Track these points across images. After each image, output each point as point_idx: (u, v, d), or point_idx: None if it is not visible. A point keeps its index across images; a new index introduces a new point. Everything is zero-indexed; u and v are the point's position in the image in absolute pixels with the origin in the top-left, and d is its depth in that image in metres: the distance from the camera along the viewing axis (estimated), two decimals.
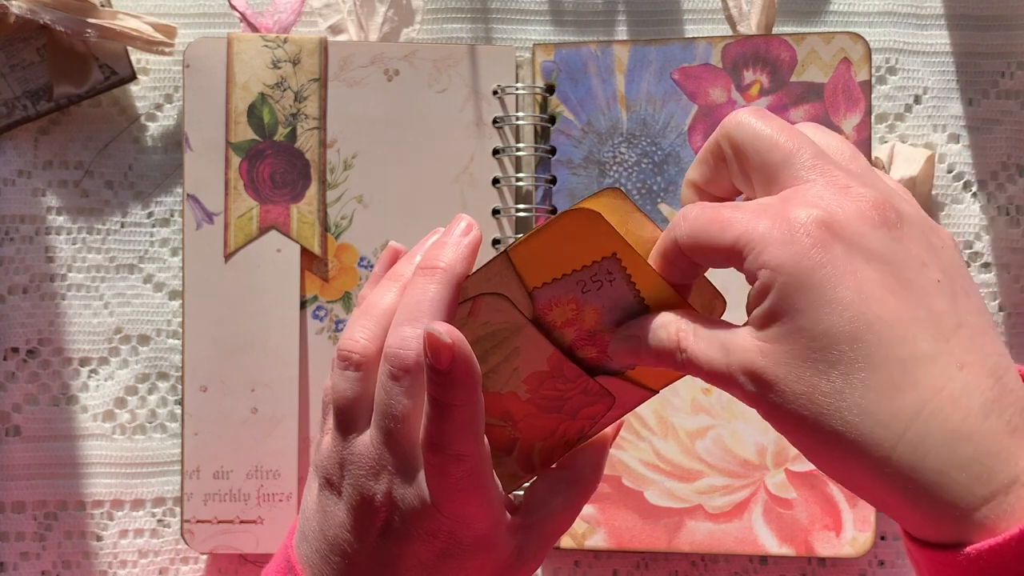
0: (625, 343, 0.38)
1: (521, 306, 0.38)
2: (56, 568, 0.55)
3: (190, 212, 0.54)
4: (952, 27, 0.58)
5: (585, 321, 0.38)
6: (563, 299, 0.38)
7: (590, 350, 0.39)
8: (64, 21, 0.53)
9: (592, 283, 0.37)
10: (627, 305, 0.38)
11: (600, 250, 0.37)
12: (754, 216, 0.33)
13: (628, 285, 0.37)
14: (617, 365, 0.39)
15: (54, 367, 0.56)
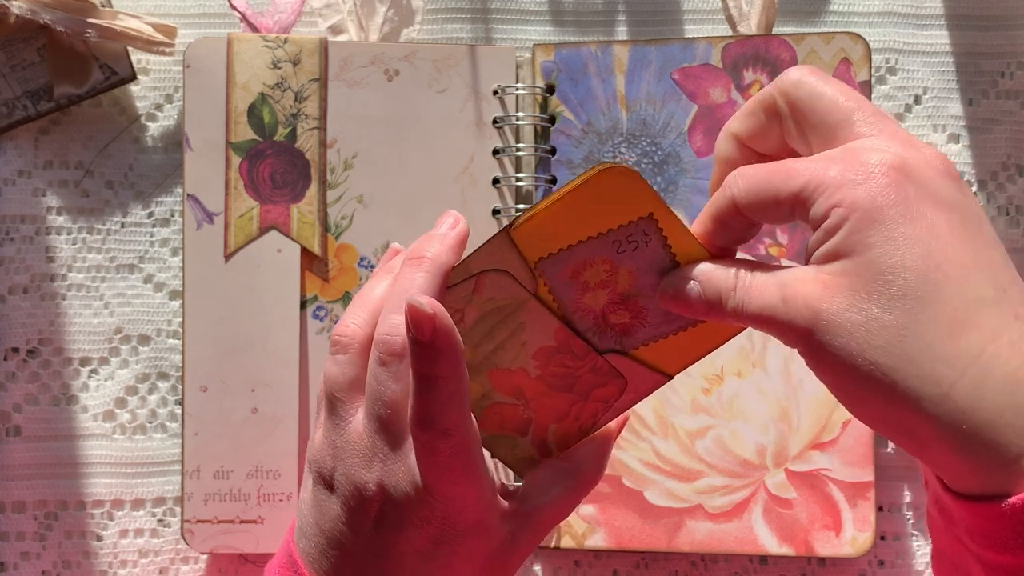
0: (674, 287, 0.37)
1: (523, 281, 0.38)
2: (56, 568, 0.55)
3: (190, 212, 0.54)
4: (952, 27, 0.58)
5: (619, 283, 0.38)
6: (597, 259, 0.38)
7: (623, 314, 0.39)
8: (64, 21, 0.53)
9: (628, 244, 0.37)
10: (662, 268, 0.38)
11: (637, 209, 0.37)
12: (823, 163, 0.33)
13: (664, 247, 0.37)
14: (649, 331, 0.39)
15: (54, 367, 0.56)
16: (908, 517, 0.56)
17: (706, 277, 0.37)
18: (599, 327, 0.39)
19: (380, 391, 0.38)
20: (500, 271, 0.38)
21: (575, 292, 0.38)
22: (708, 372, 0.54)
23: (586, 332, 0.39)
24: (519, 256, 0.38)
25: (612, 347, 0.39)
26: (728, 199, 0.36)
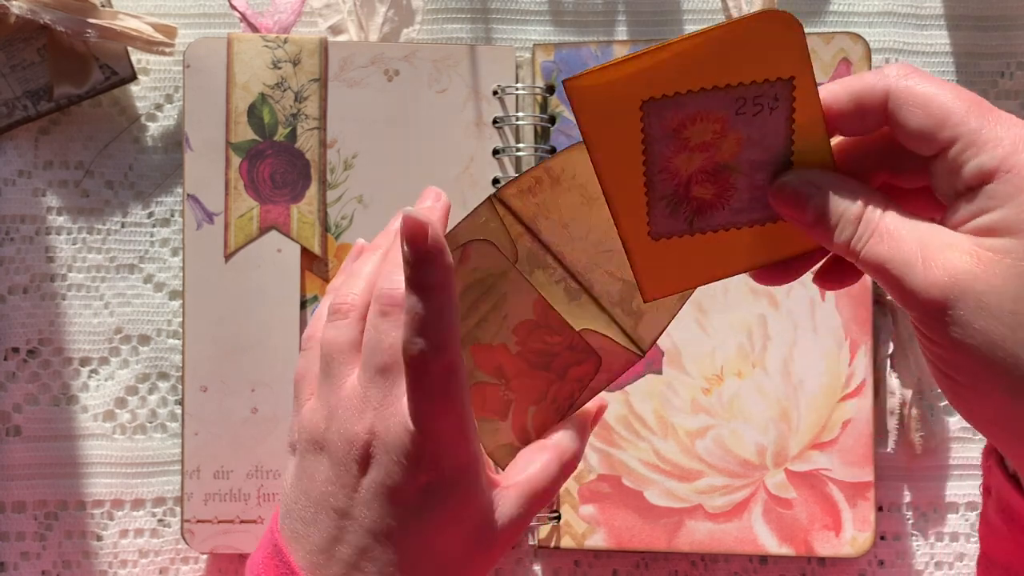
0: (793, 186, 0.34)
1: (505, 250, 0.38)
2: (56, 568, 0.55)
3: (190, 212, 0.54)
4: (952, 27, 0.58)
5: (722, 150, 0.34)
6: (712, 114, 0.33)
7: (708, 188, 0.35)
8: (64, 21, 0.53)
9: (752, 105, 0.33)
10: (773, 147, 0.34)
11: (780, 68, 0.33)
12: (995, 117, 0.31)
13: (787, 122, 0.33)
14: (727, 216, 0.35)
15: (54, 367, 0.56)
16: (908, 517, 0.56)
17: (834, 191, 0.33)
18: (677, 196, 0.35)
19: (379, 340, 0.39)
20: (484, 241, 0.38)
21: (671, 148, 0.34)
22: (708, 372, 0.54)
23: (659, 201, 0.35)
24: (502, 225, 0.37)
25: (676, 228, 0.35)
26: (882, 86, 0.33)
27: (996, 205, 0.30)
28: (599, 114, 0.33)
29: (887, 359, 0.55)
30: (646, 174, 0.34)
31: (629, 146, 0.34)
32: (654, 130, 0.33)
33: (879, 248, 0.32)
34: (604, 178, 0.34)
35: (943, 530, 0.56)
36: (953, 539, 0.56)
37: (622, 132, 0.33)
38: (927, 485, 0.56)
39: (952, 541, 0.56)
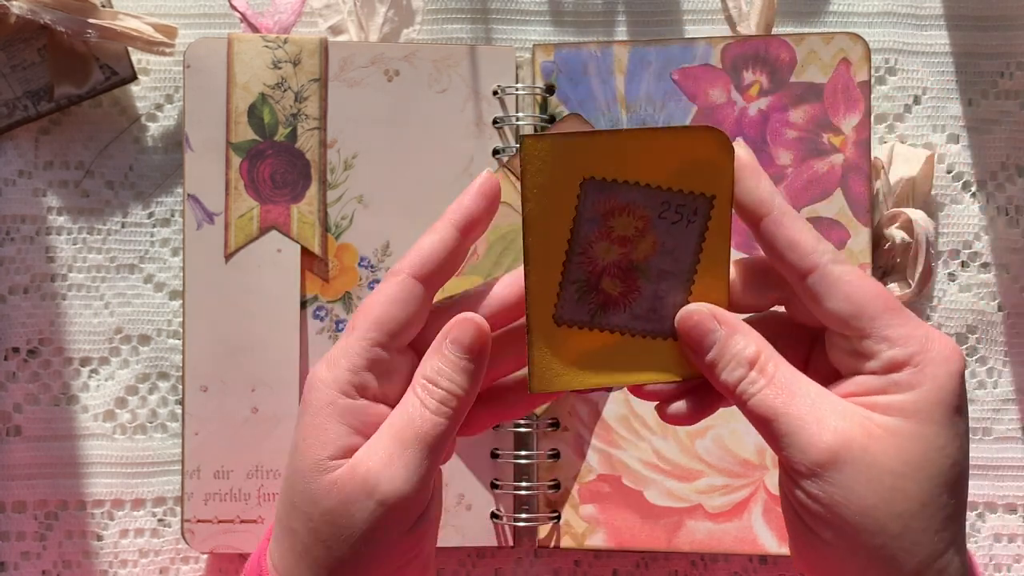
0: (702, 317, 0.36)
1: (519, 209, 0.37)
2: (57, 568, 0.55)
3: (190, 212, 0.54)
4: (952, 27, 0.58)
5: (638, 249, 0.36)
6: (637, 210, 0.35)
7: (616, 285, 0.36)
8: (65, 21, 0.53)
9: (674, 212, 0.35)
10: (681, 261, 0.36)
11: (706, 183, 0.35)
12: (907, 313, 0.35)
13: (699, 239, 0.35)
14: (626, 318, 0.37)
15: (55, 367, 0.56)
16: None
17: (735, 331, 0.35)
18: (589, 284, 0.36)
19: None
20: (501, 203, 0.38)
21: (596, 233, 0.36)
22: None
23: (571, 284, 0.36)
24: (513, 189, 0.39)
25: (578, 317, 0.37)
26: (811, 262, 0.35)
27: (898, 391, 0.34)
28: (544, 176, 0.35)
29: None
30: (568, 252, 0.36)
31: (561, 218, 0.36)
32: (586, 210, 0.35)
33: (773, 400, 0.34)
34: (530, 241, 0.36)
35: None
36: None
37: (559, 201, 0.35)
38: None
39: None
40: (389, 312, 0.37)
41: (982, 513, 0.57)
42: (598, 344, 0.37)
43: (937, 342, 0.34)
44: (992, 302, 0.57)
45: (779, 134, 0.54)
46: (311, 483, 0.36)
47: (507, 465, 0.55)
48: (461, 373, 0.36)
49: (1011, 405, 0.57)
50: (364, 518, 0.35)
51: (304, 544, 0.37)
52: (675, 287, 0.36)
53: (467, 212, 0.37)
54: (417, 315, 0.37)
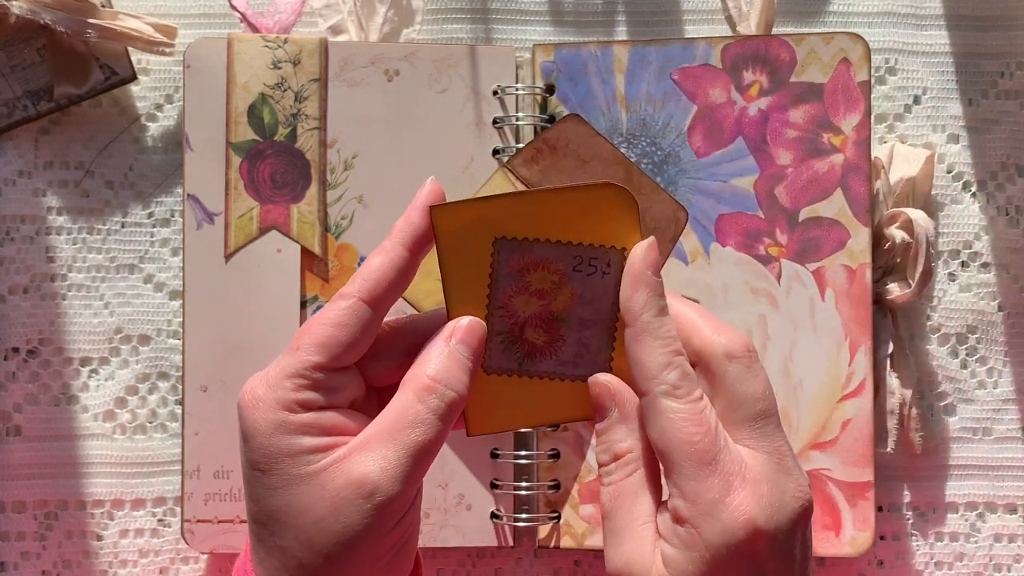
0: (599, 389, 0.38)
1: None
2: (56, 568, 0.55)
3: (190, 212, 0.54)
4: (952, 27, 0.58)
5: (557, 301, 0.38)
6: (551, 265, 0.37)
7: (540, 334, 0.38)
8: (64, 21, 0.53)
9: (588, 266, 0.37)
10: (601, 310, 0.37)
11: (614, 237, 0.36)
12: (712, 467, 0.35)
13: (615, 288, 0.37)
14: (552, 365, 0.38)
15: (55, 367, 0.56)
16: (908, 517, 0.56)
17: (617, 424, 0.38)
18: (512, 336, 0.38)
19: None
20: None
21: (513, 287, 0.38)
22: None
23: (495, 336, 0.38)
24: (514, 188, 0.39)
25: (506, 365, 0.38)
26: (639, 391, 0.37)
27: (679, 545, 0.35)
28: (456, 240, 0.37)
29: (887, 359, 0.55)
30: (488, 307, 0.38)
31: (479, 275, 0.37)
32: (501, 267, 0.37)
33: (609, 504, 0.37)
34: (451, 300, 0.38)
35: (942, 530, 0.56)
36: (953, 539, 0.56)
37: (475, 260, 0.37)
38: (927, 485, 0.56)
39: (952, 541, 0.56)
40: (335, 336, 0.37)
41: (982, 513, 0.57)
42: (530, 388, 0.38)
43: (726, 511, 0.34)
44: (992, 302, 0.57)
45: (779, 134, 0.54)
46: (293, 496, 0.36)
47: (507, 465, 0.55)
48: (466, 373, 0.37)
49: (1011, 405, 0.57)
50: (362, 520, 0.35)
51: (299, 559, 0.36)
52: (598, 334, 0.38)
53: (415, 230, 0.38)
54: (363, 338, 0.37)
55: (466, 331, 0.37)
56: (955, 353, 0.57)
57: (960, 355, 0.57)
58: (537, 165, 0.50)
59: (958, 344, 0.57)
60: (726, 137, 0.55)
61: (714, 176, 0.55)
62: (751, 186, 0.54)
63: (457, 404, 0.37)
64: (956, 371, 0.57)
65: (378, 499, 0.35)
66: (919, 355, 0.57)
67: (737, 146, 0.54)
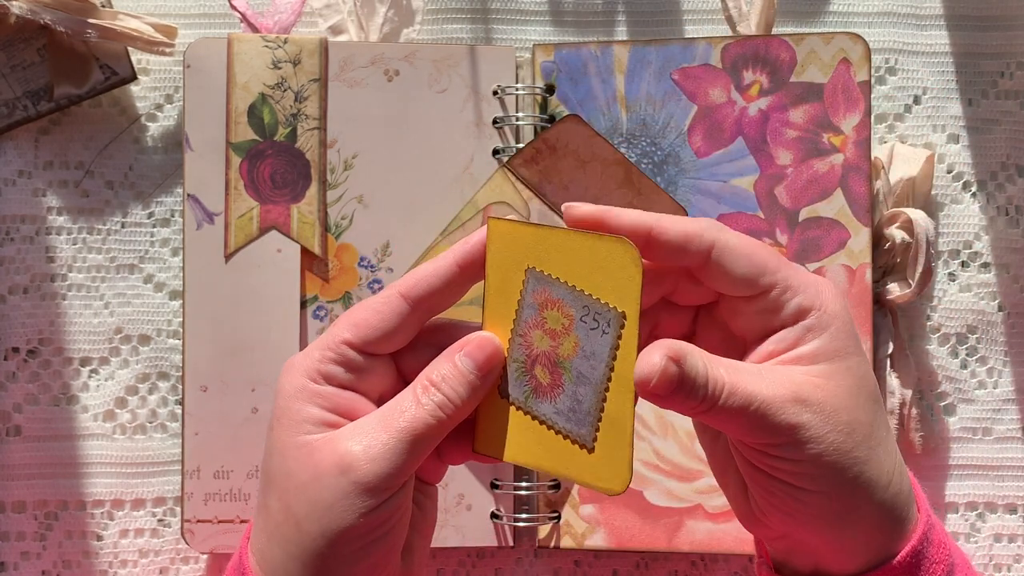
0: (651, 365, 0.35)
1: (519, 209, 0.39)
2: (57, 568, 0.55)
3: (190, 212, 0.54)
4: (952, 27, 0.58)
5: (564, 346, 0.37)
6: (565, 308, 0.37)
7: (544, 375, 0.37)
8: (64, 21, 0.53)
9: (593, 319, 0.36)
10: (596, 367, 0.36)
11: (618, 298, 0.35)
12: (795, 265, 0.38)
13: (611, 351, 0.36)
14: (549, 409, 0.37)
15: (55, 367, 0.56)
16: None
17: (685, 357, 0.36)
18: (524, 367, 0.38)
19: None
20: (501, 203, 0.41)
21: (533, 319, 0.38)
22: None
23: (512, 363, 0.38)
24: (515, 190, 0.40)
25: (516, 395, 0.38)
26: (709, 238, 0.37)
27: (812, 336, 0.37)
28: (500, 257, 0.38)
29: (887, 359, 0.55)
30: (512, 330, 0.38)
31: (511, 297, 0.38)
32: (528, 295, 0.38)
33: (735, 399, 0.36)
34: (487, 312, 0.39)
35: None
36: (953, 539, 0.56)
37: (510, 281, 0.38)
38: (927, 485, 0.56)
39: None
40: (367, 320, 0.39)
41: (982, 513, 0.57)
42: (529, 427, 0.38)
43: (824, 283, 0.38)
44: (992, 302, 0.57)
45: (779, 134, 0.54)
46: (287, 458, 0.38)
47: (507, 465, 0.55)
48: (465, 385, 0.38)
49: (1011, 405, 0.57)
50: (336, 494, 0.37)
51: (275, 520, 0.38)
52: (590, 394, 0.37)
53: (470, 253, 0.39)
54: (397, 329, 0.39)
55: (475, 346, 0.38)
56: (955, 353, 0.57)
57: (960, 355, 0.57)
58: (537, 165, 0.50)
59: (958, 344, 0.57)
60: (726, 137, 0.55)
61: (714, 176, 0.55)
62: (751, 186, 0.54)
63: (450, 408, 0.38)
64: (956, 371, 0.57)
65: (354, 476, 0.36)
66: (919, 355, 0.57)
67: (737, 146, 0.54)
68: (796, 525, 0.38)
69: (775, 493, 0.37)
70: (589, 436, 0.36)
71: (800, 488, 0.37)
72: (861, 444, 0.36)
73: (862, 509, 0.37)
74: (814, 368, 0.37)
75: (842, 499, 0.37)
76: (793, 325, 0.37)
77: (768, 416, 0.35)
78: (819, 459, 0.36)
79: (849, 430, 0.36)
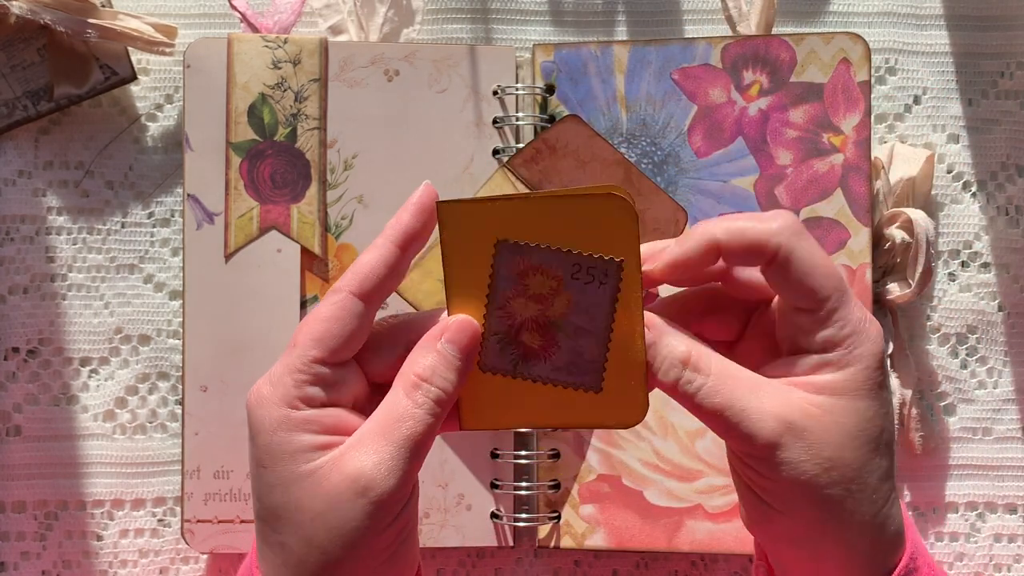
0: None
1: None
2: (57, 568, 0.55)
3: (190, 212, 0.54)
4: (952, 27, 0.58)
5: (554, 306, 0.38)
6: (550, 271, 0.37)
7: (535, 338, 0.38)
8: (65, 21, 0.53)
9: (586, 274, 0.37)
10: (596, 319, 0.37)
11: (614, 248, 0.36)
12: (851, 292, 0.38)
13: (612, 300, 0.37)
14: (546, 369, 0.38)
15: (55, 367, 0.56)
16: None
17: (660, 336, 0.37)
18: (508, 337, 0.38)
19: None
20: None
21: (512, 290, 0.38)
22: None
23: (492, 336, 0.38)
24: (515, 189, 0.40)
25: (501, 366, 0.38)
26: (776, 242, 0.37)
27: (831, 370, 0.37)
28: (459, 238, 0.37)
29: (887, 359, 0.55)
30: (487, 306, 0.38)
31: (479, 275, 0.38)
32: (502, 269, 0.37)
33: (714, 397, 0.36)
34: (452, 296, 0.38)
35: (943, 530, 0.56)
36: (953, 539, 0.56)
37: (477, 260, 0.38)
38: (927, 485, 0.56)
39: (952, 541, 0.56)
40: (330, 330, 0.38)
41: (982, 513, 0.57)
42: (523, 390, 0.38)
43: (872, 325, 0.38)
44: (992, 302, 0.57)
45: (779, 134, 0.54)
46: (292, 492, 0.37)
47: (507, 465, 0.55)
48: (453, 371, 0.38)
49: (1011, 405, 0.57)
50: (358, 516, 0.36)
51: (298, 555, 0.37)
52: (592, 344, 0.38)
53: (405, 228, 0.39)
54: (358, 331, 0.38)
55: (455, 329, 0.38)
56: (955, 353, 0.57)
57: (960, 355, 0.57)
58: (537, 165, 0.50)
59: (958, 344, 0.57)
60: (726, 137, 0.55)
61: (714, 176, 0.55)
62: (751, 186, 0.54)
63: (445, 400, 0.37)
64: (956, 371, 0.57)
65: (373, 495, 0.36)
66: (919, 355, 0.57)
67: (737, 146, 0.54)
68: (768, 539, 0.39)
69: (752, 502, 0.38)
70: (596, 381, 0.38)
71: (768, 506, 0.37)
72: (838, 484, 0.36)
73: (832, 543, 0.37)
74: (816, 398, 0.37)
75: (808, 527, 0.37)
76: (820, 353, 0.37)
77: (743, 425, 0.36)
78: (790, 484, 0.36)
79: (829, 466, 0.36)
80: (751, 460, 0.37)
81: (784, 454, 0.36)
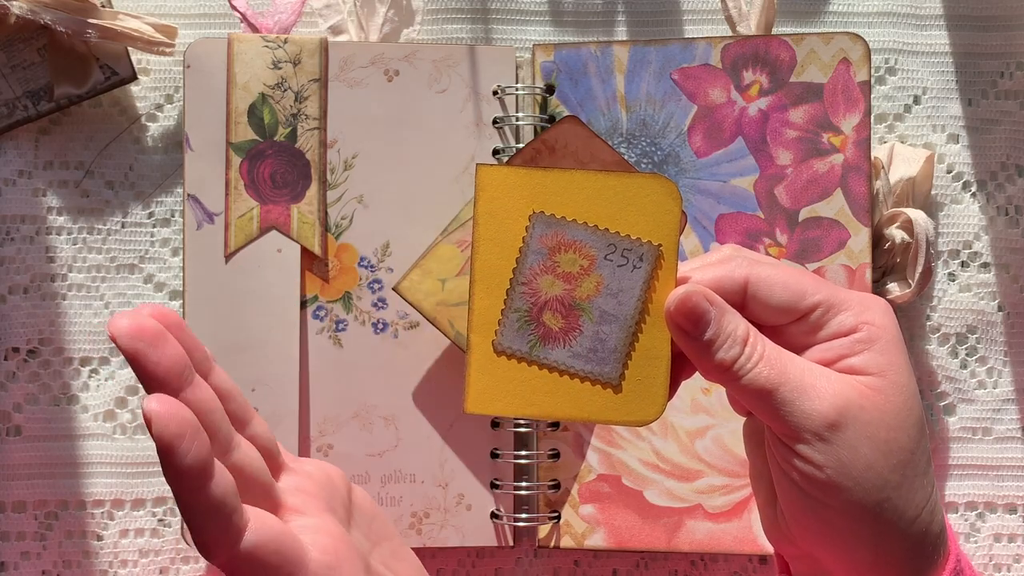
0: (698, 300, 0.36)
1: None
2: (57, 568, 0.55)
3: (191, 212, 0.54)
4: (951, 27, 0.58)
5: (582, 287, 0.37)
6: (583, 249, 0.36)
7: (558, 319, 0.37)
8: (65, 21, 0.53)
9: (620, 256, 0.36)
10: (625, 305, 0.36)
11: (653, 232, 0.36)
12: (836, 287, 0.38)
13: (644, 285, 0.36)
14: (563, 354, 0.37)
15: (55, 367, 0.56)
16: None
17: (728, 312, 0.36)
18: (530, 315, 0.37)
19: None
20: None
21: (541, 265, 0.37)
22: None
23: (512, 313, 0.37)
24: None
25: (517, 347, 0.37)
26: (741, 274, 0.37)
27: (862, 347, 0.36)
28: (496, 204, 0.36)
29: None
30: (512, 280, 0.37)
31: (509, 246, 0.37)
32: (533, 241, 0.36)
33: (769, 374, 0.35)
34: (477, 265, 0.37)
35: None
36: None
37: (508, 230, 0.37)
38: None
39: None
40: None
41: (982, 513, 0.57)
42: (535, 377, 0.37)
43: (872, 299, 0.38)
44: (992, 302, 0.57)
45: (779, 134, 0.54)
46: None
47: (507, 465, 0.55)
48: None
49: (1011, 405, 0.57)
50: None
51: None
52: (617, 331, 0.37)
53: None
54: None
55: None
56: (955, 353, 0.57)
57: (960, 355, 0.57)
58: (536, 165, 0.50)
59: (958, 344, 0.57)
60: (726, 137, 0.55)
61: (714, 176, 0.55)
62: (751, 186, 0.54)
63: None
64: (956, 371, 0.57)
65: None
66: (919, 355, 0.57)
67: (737, 146, 0.54)
68: (817, 545, 0.37)
69: (801, 507, 0.36)
70: (615, 373, 0.37)
71: (823, 503, 0.35)
72: (896, 468, 0.35)
73: (886, 538, 0.35)
74: (863, 378, 0.36)
75: (866, 521, 0.35)
76: (839, 338, 0.36)
77: (799, 403, 0.35)
78: (846, 469, 0.34)
79: (887, 449, 0.35)
80: (803, 446, 0.35)
81: (841, 436, 0.34)
